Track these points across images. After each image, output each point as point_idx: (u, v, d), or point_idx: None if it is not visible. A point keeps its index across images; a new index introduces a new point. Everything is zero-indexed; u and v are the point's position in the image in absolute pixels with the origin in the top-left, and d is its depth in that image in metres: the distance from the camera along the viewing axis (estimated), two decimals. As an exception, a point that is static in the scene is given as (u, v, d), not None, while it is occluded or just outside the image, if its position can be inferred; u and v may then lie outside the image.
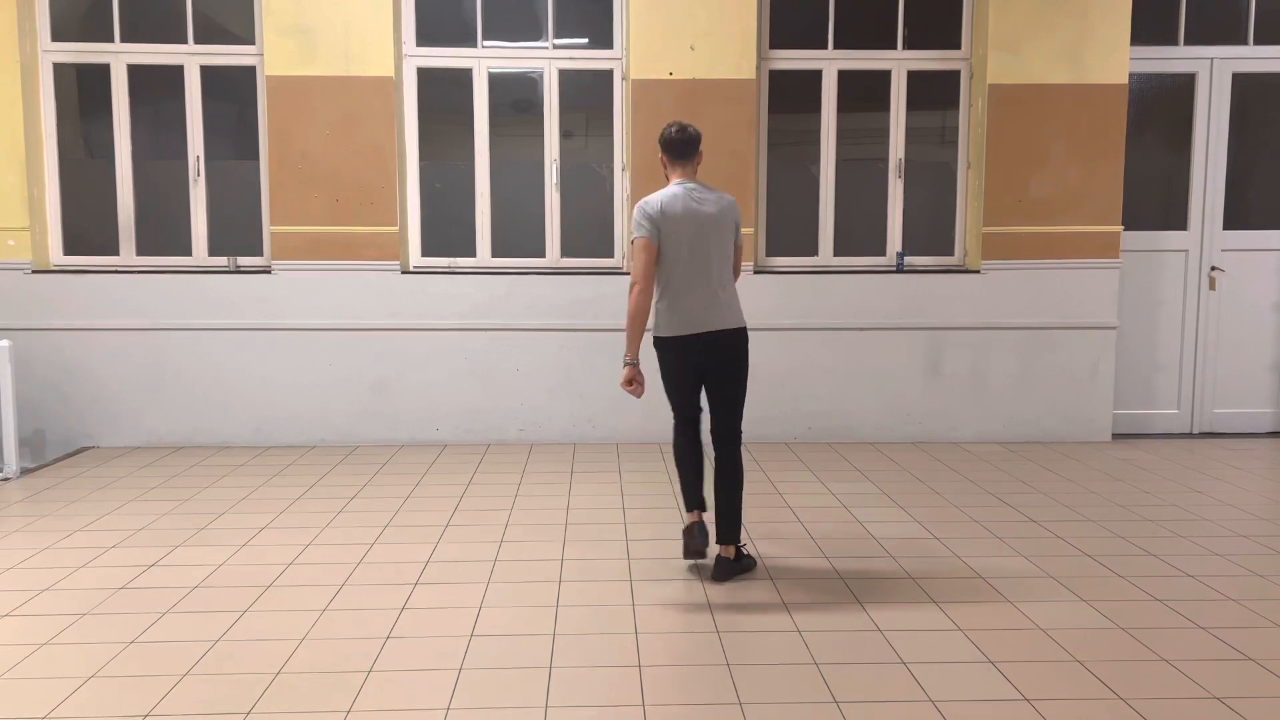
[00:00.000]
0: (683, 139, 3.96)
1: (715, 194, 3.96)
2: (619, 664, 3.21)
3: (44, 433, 6.30)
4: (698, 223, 3.87)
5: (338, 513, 4.91)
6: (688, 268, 3.87)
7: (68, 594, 3.82)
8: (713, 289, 3.89)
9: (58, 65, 6.32)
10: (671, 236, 3.86)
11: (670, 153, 3.99)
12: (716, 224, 3.90)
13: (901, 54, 6.51)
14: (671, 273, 3.89)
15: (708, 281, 3.89)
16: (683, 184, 3.94)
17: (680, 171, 3.98)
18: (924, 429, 6.52)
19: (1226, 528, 4.70)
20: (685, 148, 3.97)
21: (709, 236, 3.88)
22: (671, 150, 3.98)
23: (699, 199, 3.90)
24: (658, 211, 3.86)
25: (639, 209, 3.90)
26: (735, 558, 3.99)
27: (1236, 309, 6.73)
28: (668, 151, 4.00)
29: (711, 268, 3.89)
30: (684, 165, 3.98)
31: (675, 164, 3.99)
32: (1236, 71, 6.60)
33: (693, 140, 3.98)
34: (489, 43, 6.42)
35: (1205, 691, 3.02)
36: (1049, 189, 6.39)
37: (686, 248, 3.87)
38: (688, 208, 3.87)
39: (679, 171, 3.98)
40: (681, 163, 3.98)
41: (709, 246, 3.89)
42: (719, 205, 3.92)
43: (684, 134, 3.96)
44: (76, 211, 6.46)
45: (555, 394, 6.43)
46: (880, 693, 3.01)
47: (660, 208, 3.87)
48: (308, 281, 6.29)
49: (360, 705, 2.93)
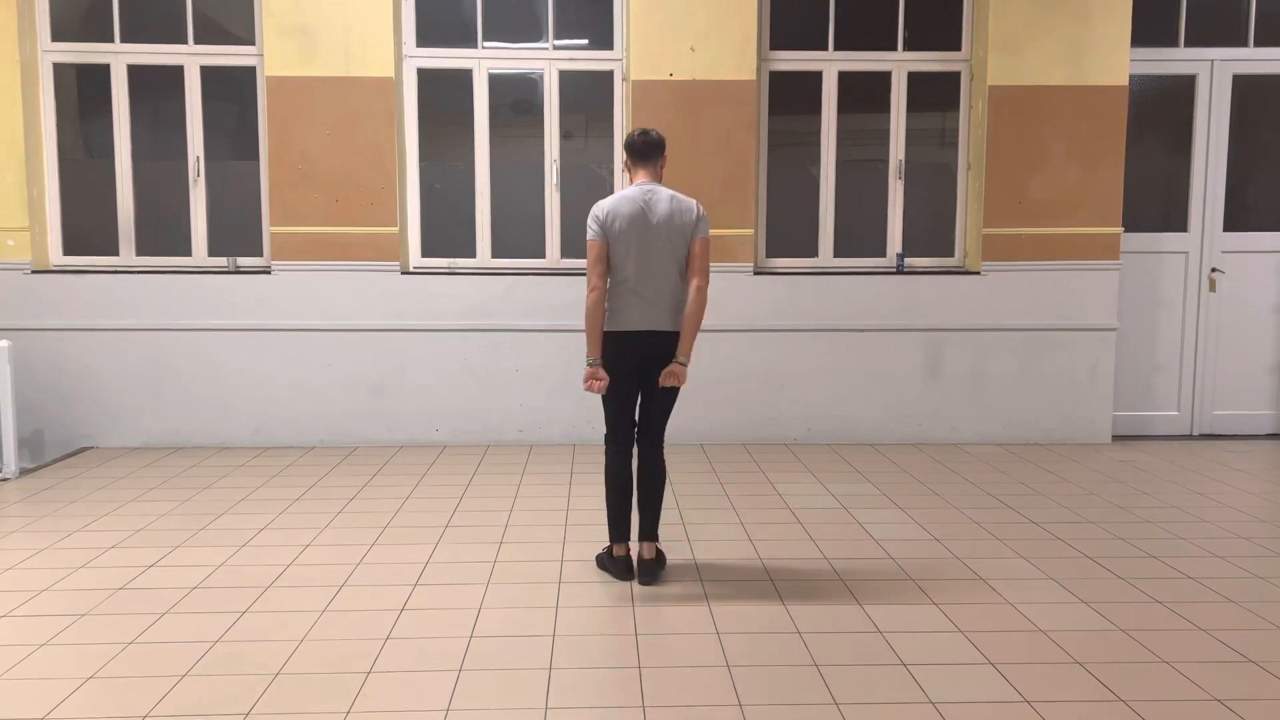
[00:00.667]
0: (644, 142, 4.00)
1: (672, 197, 3.95)
2: (618, 665, 3.21)
3: (43, 433, 6.29)
4: (644, 225, 3.89)
5: (337, 513, 4.91)
6: (635, 268, 3.89)
7: (67, 594, 3.82)
8: (657, 290, 3.91)
9: (58, 65, 6.31)
10: (619, 238, 3.88)
11: (632, 156, 4.03)
12: (665, 227, 3.90)
13: (902, 55, 6.51)
14: (619, 272, 3.92)
15: (652, 282, 3.90)
16: (640, 186, 3.97)
17: (643, 174, 4.01)
18: (924, 430, 6.52)
19: (1226, 529, 4.70)
20: (648, 150, 4.00)
21: (656, 239, 3.89)
22: (633, 153, 4.02)
23: (651, 202, 3.92)
24: (605, 214, 3.90)
25: (591, 212, 3.96)
26: (656, 557, 4.00)
27: (1236, 311, 6.73)
28: (630, 155, 4.04)
29: (656, 269, 3.90)
30: (647, 168, 4.01)
31: (638, 166, 4.03)
32: (1237, 73, 6.60)
33: (655, 144, 4.01)
34: (489, 43, 6.41)
35: (1206, 694, 3.01)
36: (1049, 190, 6.39)
37: (635, 248, 3.89)
38: (637, 210, 3.90)
39: (641, 174, 4.02)
40: (644, 165, 4.01)
41: (656, 248, 3.90)
42: (671, 208, 3.92)
43: (645, 138, 4.01)
44: (76, 212, 6.45)
45: (555, 395, 6.42)
46: (880, 694, 3.01)
47: (608, 210, 3.91)
48: (307, 282, 6.28)
49: (359, 706, 2.92)
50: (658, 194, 3.94)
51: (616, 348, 3.93)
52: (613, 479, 4.03)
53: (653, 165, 4.02)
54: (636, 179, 4.03)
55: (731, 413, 6.45)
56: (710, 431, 6.44)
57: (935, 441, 6.52)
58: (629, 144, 4.03)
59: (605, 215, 3.90)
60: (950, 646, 3.36)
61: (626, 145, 4.05)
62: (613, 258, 3.92)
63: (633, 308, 3.91)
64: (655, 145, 4.02)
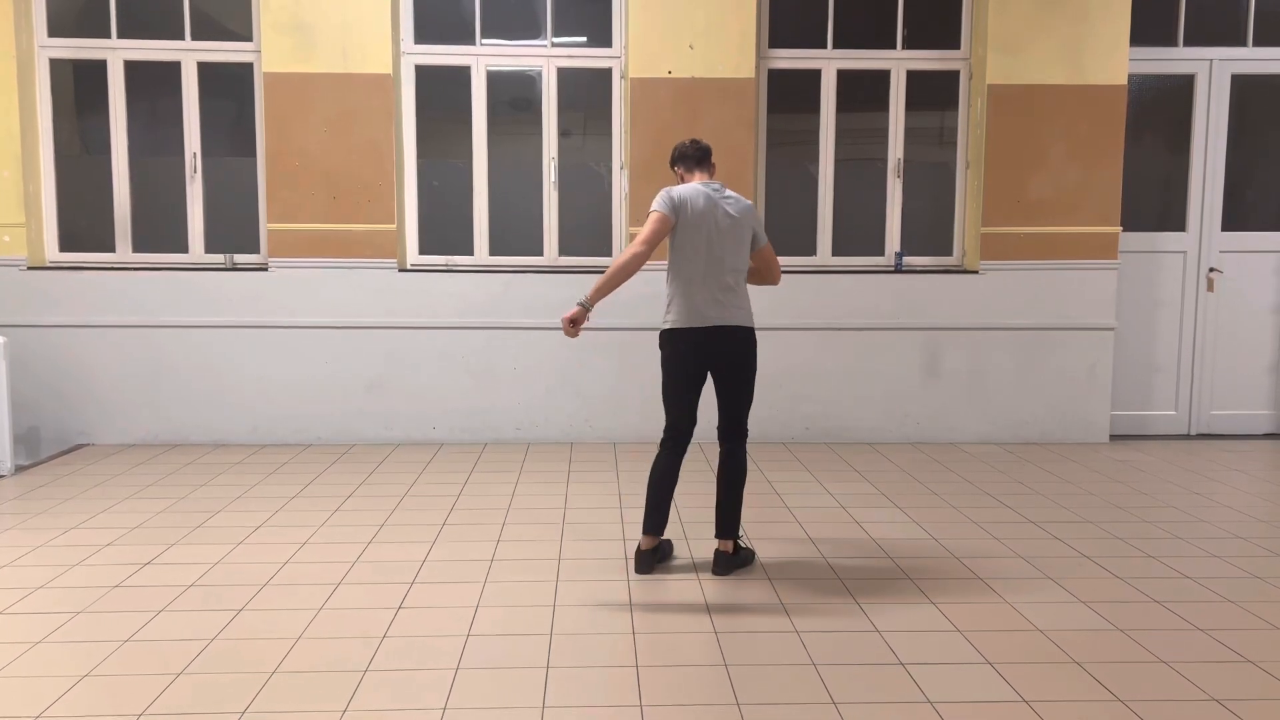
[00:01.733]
0: (698, 149, 4.10)
1: (735, 197, 4.02)
2: (616, 664, 3.20)
3: (39, 430, 6.27)
4: (716, 220, 3.92)
5: (334, 511, 4.90)
6: (702, 263, 3.90)
7: (62, 592, 3.81)
8: (724, 287, 3.93)
9: (54, 61, 6.29)
10: (689, 228, 3.90)
11: (686, 163, 4.11)
12: (735, 225, 3.95)
13: (901, 54, 6.51)
14: (684, 265, 3.92)
15: (719, 279, 3.92)
16: (706, 183, 4.01)
17: (699, 176, 4.08)
18: (922, 429, 6.52)
19: (1224, 529, 4.70)
20: (701, 155, 4.10)
21: (726, 236, 3.92)
22: (687, 160, 4.10)
23: (720, 198, 3.96)
24: (680, 199, 3.92)
25: (663, 192, 3.96)
26: (734, 552, 4.04)
27: (1234, 310, 6.73)
28: (684, 163, 4.11)
29: (725, 266, 3.93)
30: (697, 172, 4.10)
31: (693, 172, 4.10)
32: (1236, 73, 6.60)
33: (706, 151, 4.12)
34: (487, 41, 6.40)
35: (1204, 693, 3.01)
36: (1048, 190, 6.38)
37: (704, 242, 3.90)
38: (710, 203, 3.93)
39: (696, 177, 4.08)
40: (699, 170, 4.10)
41: (725, 246, 3.92)
42: (739, 208, 3.98)
43: (698, 146, 4.11)
44: (72, 208, 6.43)
45: (552, 393, 6.41)
46: (878, 694, 3.00)
47: (682, 196, 3.93)
48: (304, 279, 6.27)
49: (356, 705, 2.91)
50: (723, 191, 4.00)
51: (686, 342, 3.95)
52: (656, 474, 4.07)
53: (706, 169, 4.10)
54: (693, 180, 4.07)
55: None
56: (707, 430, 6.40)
57: (933, 440, 6.51)
58: (682, 154, 4.11)
59: (680, 200, 3.92)
60: (948, 646, 3.35)
61: (679, 155, 4.12)
62: (681, 247, 3.93)
63: (702, 304, 3.91)
64: (707, 151, 4.13)
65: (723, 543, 4.04)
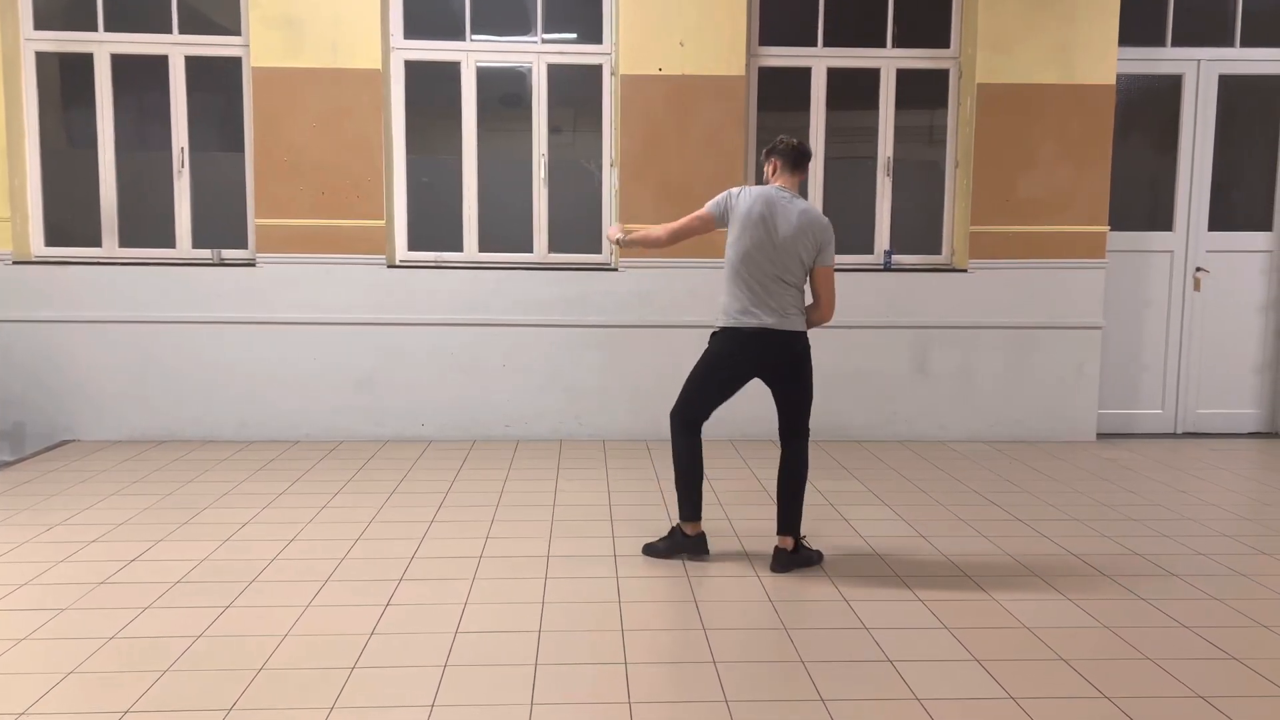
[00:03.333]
0: (801, 153, 4.05)
1: (808, 209, 3.97)
2: (605, 661, 3.20)
3: (24, 425, 6.23)
4: (771, 226, 3.91)
5: (322, 508, 4.88)
6: (751, 265, 3.93)
7: (47, 588, 3.78)
8: (770, 292, 3.94)
9: (40, 54, 6.25)
10: (740, 227, 3.95)
11: (785, 160, 4.05)
12: (798, 233, 3.91)
13: (891, 52, 6.52)
14: (735, 264, 3.98)
15: (765, 283, 3.93)
16: (779, 189, 4.01)
17: (784, 180, 4.06)
18: (910, 427, 6.53)
19: (1210, 527, 4.73)
20: (800, 161, 4.06)
21: (778, 244, 3.91)
22: (786, 158, 4.05)
23: (784, 205, 3.95)
24: (735, 198, 4.00)
25: (725, 192, 4.06)
26: (794, 549, 4.08)
27: (1221, 310, 6.77)
28: (783, 159, 4.06)
29: (771, 272, 3.92)
30: (789, 177, 4.05)
31: (783, 173, 4.06)
32: (1223, 73, 6.63)
33: (807, 157, 4.09)
34: (477, 36, 6.38)
35: (1189, 690, 3.03)
36: (1036, 189, 6.40)
37: (752, 243, 3.92)
38: (770, 208, 3.93)
39: (782, 180, 4.06)
40: (790, 174, 4.06)
41: (776, 252, 3.91)
42: (807, 219, 3.94)
43: (802, 149, 4.06)
44: (59, 202, 6.39)
45: (542, 390, 6.40)
46: (866, 690, 3.01)
47: (739, 196, 4.00)
48: (293, 275, 6.24)
49: (344, 701, 2.91)
50: (795, 202, 3.98)
51: (733, 340, 4.02)
52: (682, 463, 4.15)
53: (796, 176, 4.06)
54: (776, 182, 4.06)
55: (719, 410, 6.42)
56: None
57: (922, 438, 6.53)
58: (785, 149, 4.04)
59: (738, 199, 3.98)
60: (936, 643, 3.36)
61: (780, 151, 4.05)
62: (729, 244, 3.99)
63: (749, 305, 3.95)
64: (807, 158, 4.09)
65: (783, 539, 4.09)
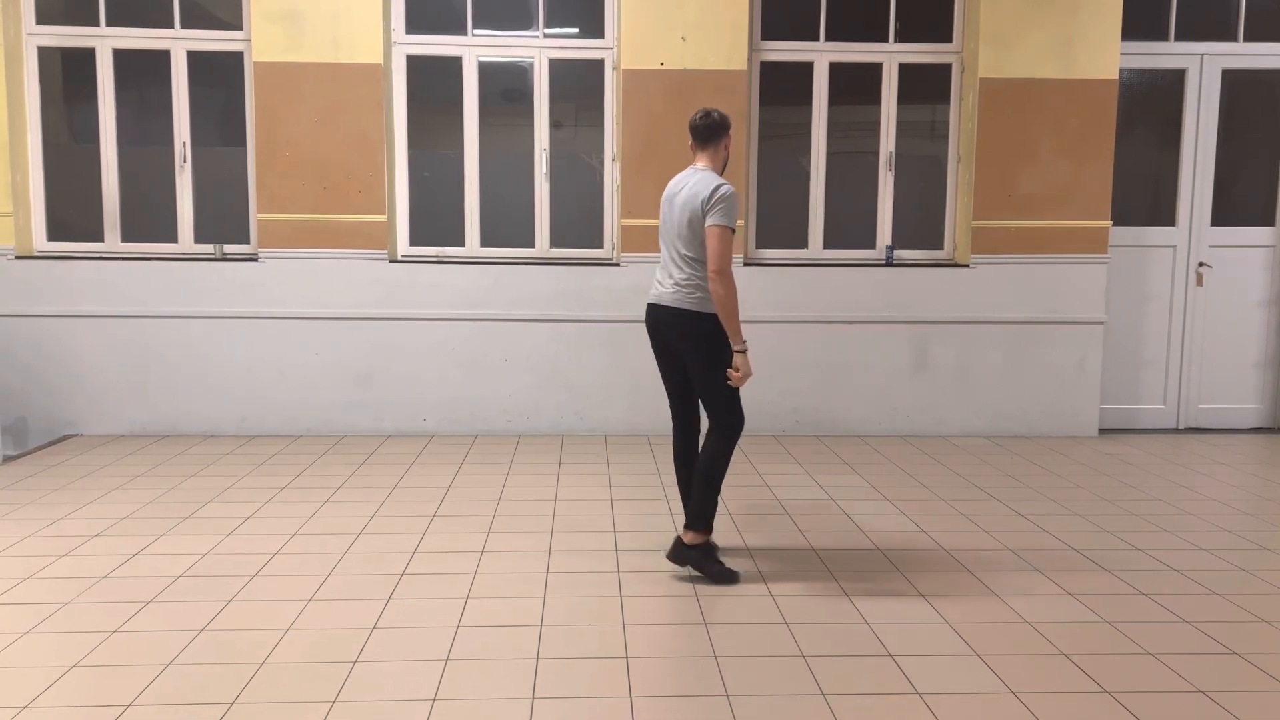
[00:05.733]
0: (705, 125, 3.98)
1: (700, 179, 3.89)
2: (606, 655, 3.20)
3: (26, 420, 6.24)
4: (669, 205, 4.00)
5: (323, 503, 4.89)
6: (662, 244, 4.05)
7: (49, 583, 3.79)
8: (666, 268, 4.00)
9: (42, 49, 6.25)
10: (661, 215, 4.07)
11: (694, 138, 4.01)
12: (680, 207, 3.91)
13: (893, 47, 6.50)
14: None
15: (665, 260, 4.02)
16: (693, 168, 4.01)
17: (700, 158, 4.01)
18: (911, 422, 6.53)
19: (1211, 522, 4.72)
20: (707, 133, 3.98)
21: (672, 218, 3.96)
22: (694, 135, 4.01)
23: (682, 183, 3.97)
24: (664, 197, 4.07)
25: None
26: (688, 545, 3.89)
27: (1223, 305, 6.76)
28: (691, 134, 4.02)
29: (668, 248, 4.00)
30: (699, 151, 4.00)
31: (697, 150, 4.02)
32: (1226, 68, 6.62)
33: (715, 126, 3.97)
34: (479, 31, 6.37)
35: (1190, 685, 3.03)
36: (1039, 184, 6.39)
37: (661, 222, 4.06)
38: (674, 187, 4.01)
39: (700, 158, 4.01)
40: (702, 148, 4.00)
41: (671, 228, 3.97)
42: (692, 189, 3.88)
43: (707, 119, 3.97)
44: (61, 197, 6.39)
45: (543, 385, 6.41)
46: (867, 685, 3.01)
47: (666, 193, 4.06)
48: (294, 270, 6.24)
49: (346, 695, 2.91)
50: (694, 174, 3.94)
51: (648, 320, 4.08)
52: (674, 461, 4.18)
53: (704, 149, 3.98)
54: (695, 162, 4.01)
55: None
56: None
57: (923, 434, 6.53)
58: (691, 127, 4.01)
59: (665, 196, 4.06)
60: (937, 638, 3.36)
61: (690, 129, 4.01)
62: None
63: (655, 282, 4.07)
64: (715, 127, 3.97)
65: (683, 531, 3.93)
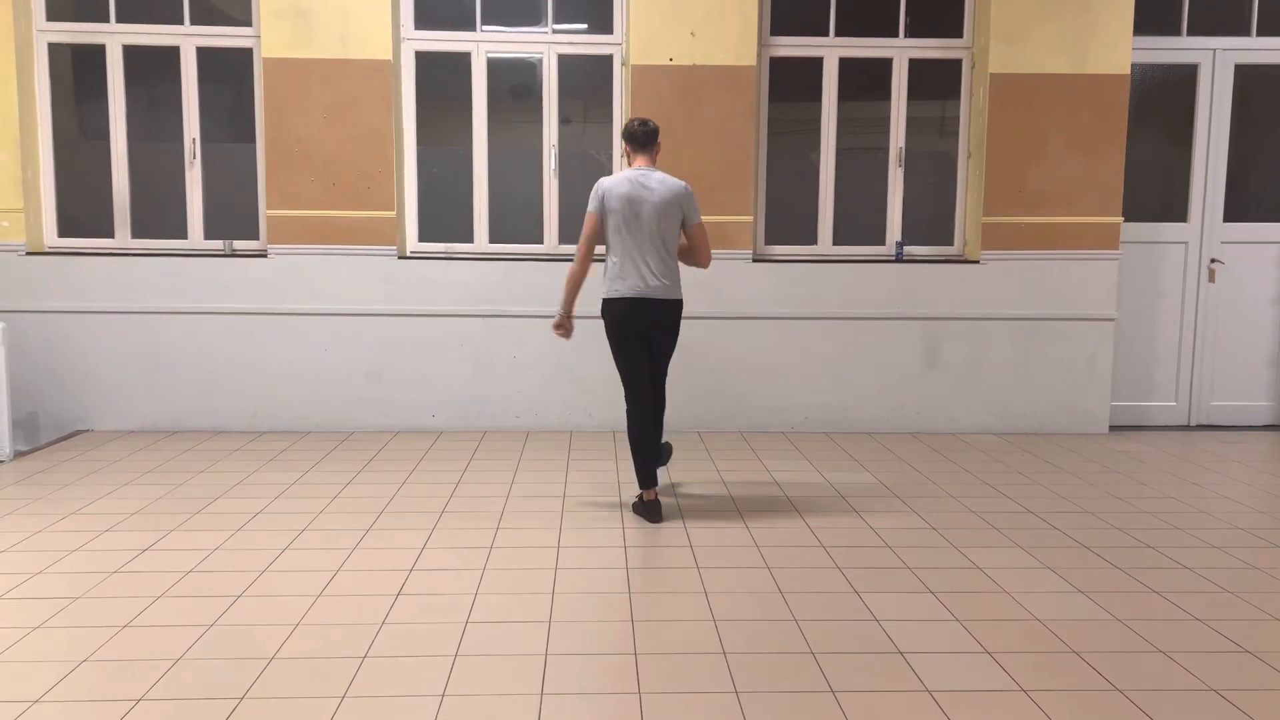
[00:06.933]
0: (644, 131, 4.55)
1: (663, 180, 4.46)
2: (615, 651, 3.20)
3: (37, 415, 6.27)
4: (638, 205, 4.43)
5: (333, 498, 4.90)
6: (629, 242, 4.44)
7: (61, 577, 3.81)
8: (651, 262, 4.45)
9: (53, 45, 6.26)
10: (613, 214, 4.45)
11: (633, 143, 4.57)
12: (658, 207, 4.44)
13: (903, 42, 6.48)
14: (614, 245, 4.49)
15: (645, 256, 4.45)
16: (637, 170, 4.49)
17: (640, 159, 4.56)
18: (921, 419, 6.51)
19: (1223, 520, 4.70)
20: (647, 139, 4.56)
21: (649, 217, 4.43)
22: (634, 141, 4.56)
23: (645, 183, 4.46)
24: (604, 191, 4.47)
25: (594, 188, 4.53)
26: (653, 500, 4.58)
27: (1235, 302, 6.72)
28: (631, 142, 4.57)
29: (650, 244, 4.45)
30: (643, 154, 4.56)
31: (636, 153, 4.58)
32: (1239, 63, 6.58)
33: (653, 133, 4.56)
34: (488, 27, 6.37)
35: (1202, 683, 3.01)
36: (1049, 180, 6.36)
37: (625, 225, 4.44)
38: (631, 191, 4.44)
39: (639, 159, 4.57)
40: (642, 152, 4.56)
41: (649, 226, 4.44)
42: (664, 190, 4.44)
43: (645, 127, 4.56)
44: (71, 193, 6.41)
45: (552, 381, 6.40)
46: (877, 682, 3.00)
47: (606, 188, 4.48)
48: (304, 266, 6.25)
49: (355, 691, 2.92)
50: (650, 176, 4.48)
51: (619, 313, 4.52)
52: (634, 433, 4.58)
53: (648, 152, 4.58)
54: (634, 163, 4.54)
55: (729, 401, 6.44)
56: (708, 419, 6.43)
57: (933, 430, 6.51)
58: (630, 132, 4.58)
59: (604, 191, 4.48)
60: (947, 635, 3.35)
61: (627, 134, 4.59)
62: (608, 231, 4.50)
63: (630, 277, 4.47)
64: (653, 134, 4.57)
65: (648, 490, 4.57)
